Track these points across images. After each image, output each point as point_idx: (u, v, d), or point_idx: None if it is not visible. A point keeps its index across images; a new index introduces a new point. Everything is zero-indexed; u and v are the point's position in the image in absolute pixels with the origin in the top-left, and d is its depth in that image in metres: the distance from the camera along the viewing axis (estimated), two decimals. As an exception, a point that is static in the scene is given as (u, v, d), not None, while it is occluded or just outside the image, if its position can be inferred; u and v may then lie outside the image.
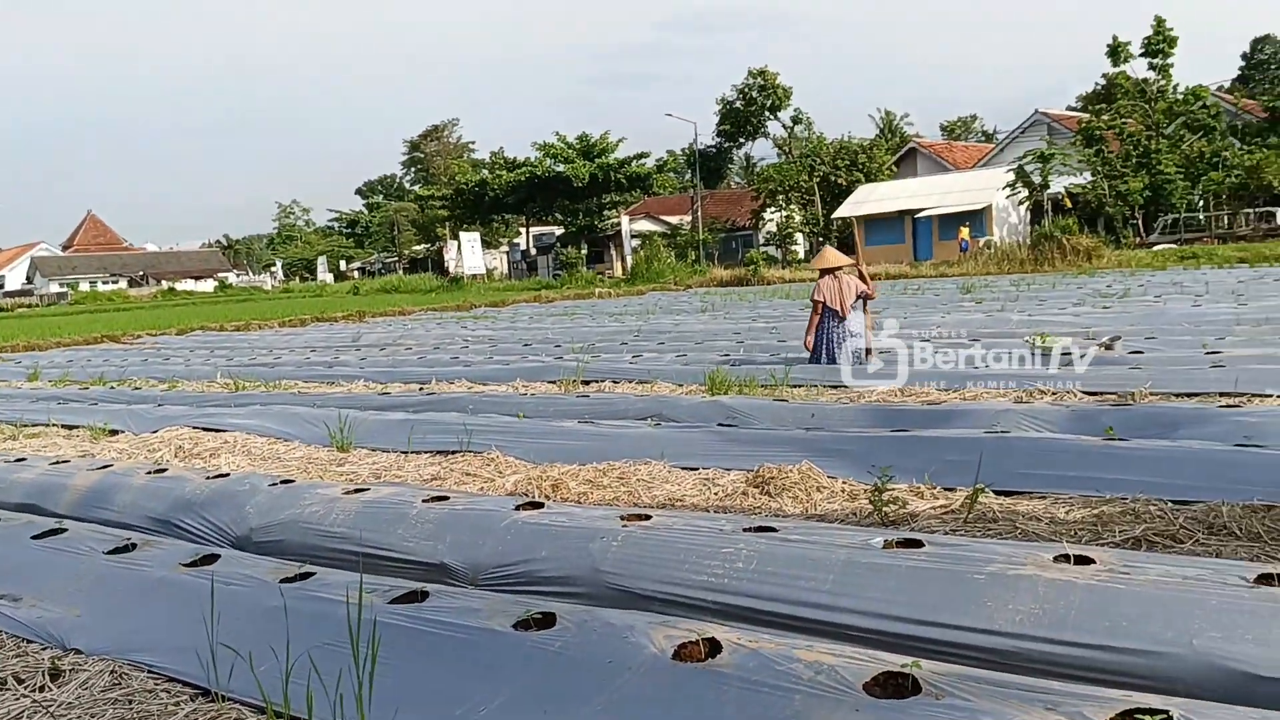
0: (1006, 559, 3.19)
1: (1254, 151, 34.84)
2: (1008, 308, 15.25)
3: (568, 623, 2.97)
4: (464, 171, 61.07)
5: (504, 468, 5.82)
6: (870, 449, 5.29)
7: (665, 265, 40.66)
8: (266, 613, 3.30)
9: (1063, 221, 31.95)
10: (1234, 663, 2.63)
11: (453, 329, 19.60)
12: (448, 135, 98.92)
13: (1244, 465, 4.38)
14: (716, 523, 3.86)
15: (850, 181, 47.67)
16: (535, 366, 10.66)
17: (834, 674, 2.49)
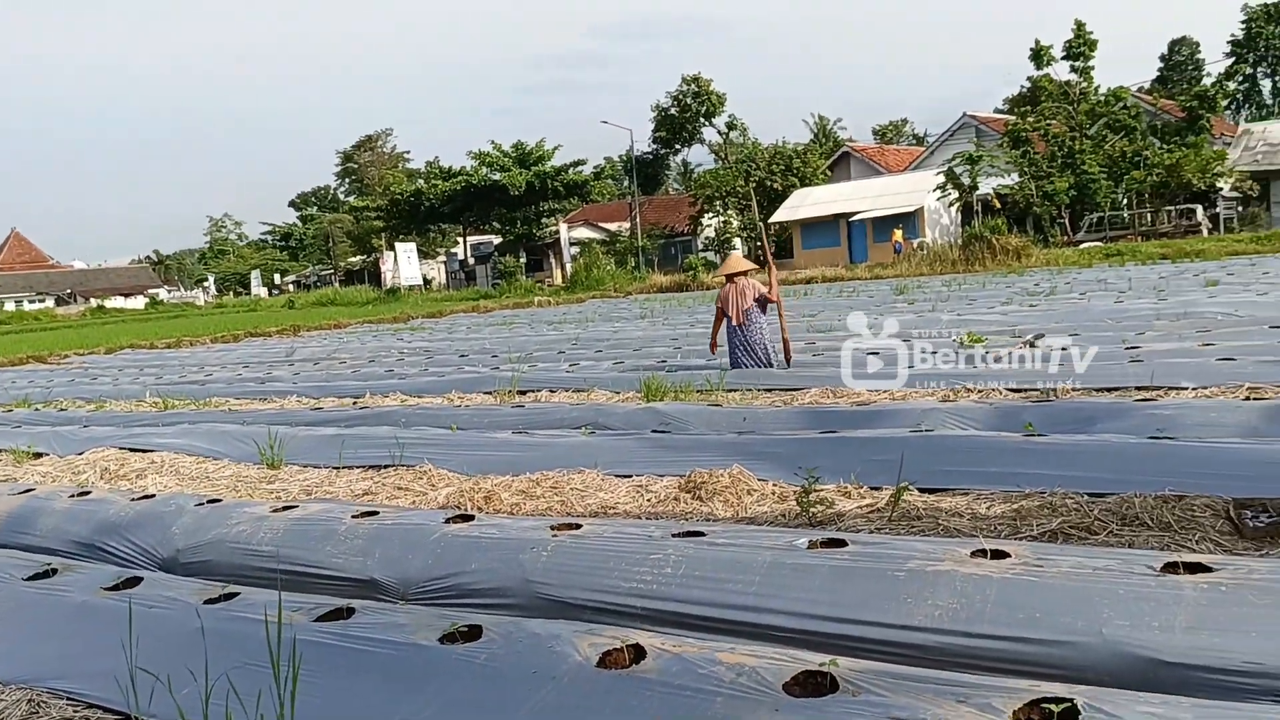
0: (925, 555, 3.26)
1: (1173, 150, 35.85)
2: (939, 308, 15.53)
3: (494, 634, 2.97)
4: (399, 182, 60.58)
5: (436, 481, 5.79)
6: (800, 451, 5.36)
7: (604, 272, 40.70)
8: (189, 635, 3.25)
9: (992, 222, 32.60)
10: (1141, 649, 2.72)
11: (389, 341, 19.42)
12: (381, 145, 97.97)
13: (1157, 457, 4.52)
14: (646, 529, 3.89)
15: (786, 186, 48.18)
16: (471, 378, 10.61)
17: (755, 675, 2.53)
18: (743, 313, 9.26)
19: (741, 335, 9.29)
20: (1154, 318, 10.98)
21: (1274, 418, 5.17)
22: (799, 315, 16.76)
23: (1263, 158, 38.97)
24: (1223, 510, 3.91)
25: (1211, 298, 12.62)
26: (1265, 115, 56.99)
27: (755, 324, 9.24)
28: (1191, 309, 11.39)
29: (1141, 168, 35.87)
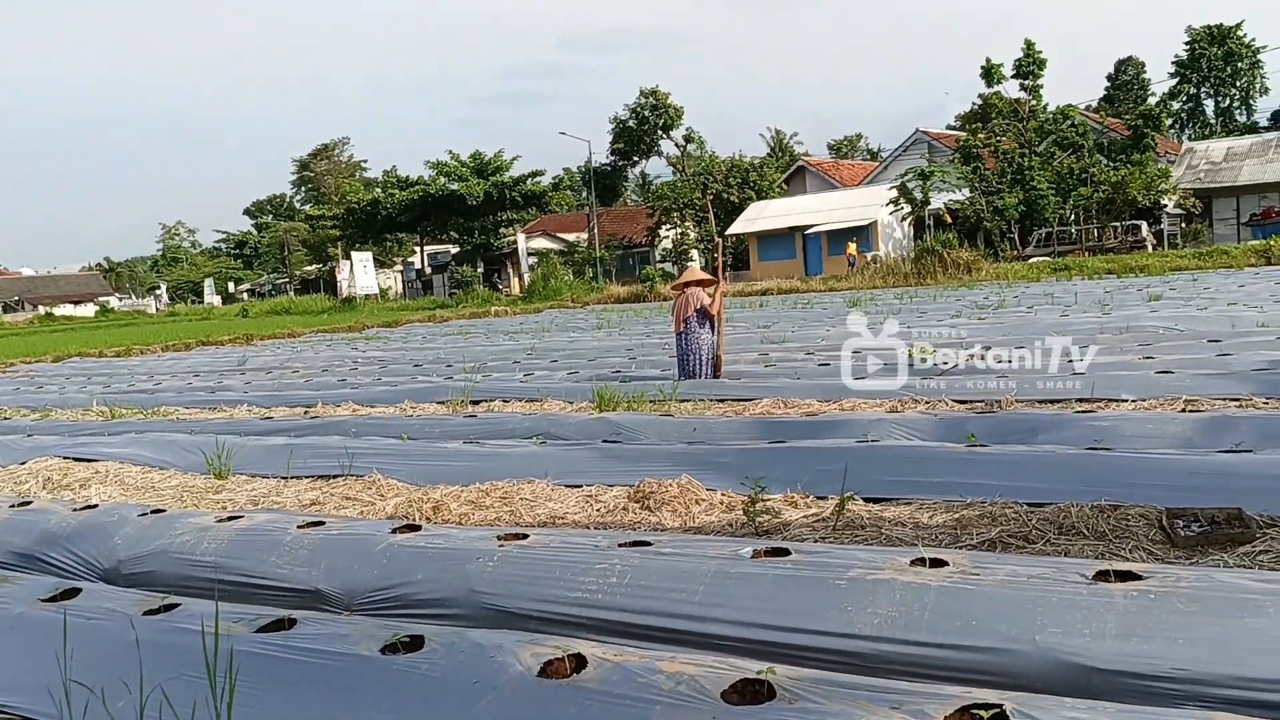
0: (866, 564, 3.31)
1: (1119, 167, 36.64)
2: (890, 320, 15.71)
3: (436, 644, 2.97)
4: (355, 190, 60.10)
5: (385, 491, 5.76)
6: (749, 461, 5.41)
7: (562, 283, 40.70)
8: (127, 646, 3.21)
9: (943, 236, 33.06)
10: (1073, 656, 2.78)
11: (343, 351, 19.25)
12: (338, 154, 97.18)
13: (1093, 468, 4.62)
14: (593, 539, 3.91)
15: (743, 199, 48.54)
16: (424, 387, 10.56)
17: (694, 684, 2.55)
18: (682, 322, 9.47)
19: (681, 344, 9.48)
20: (1097, 331, 11.20)
21: (1208, 429, 5.30)
22: (753, 326, 16.89)
23: (1205, 175, 39.96)
24: (1156, 520, 4.00)
25: (1154, 312, 12.91)
26: (1208, 134, 58.46)
27: (693, 333, 9.39)
28: (1134, 323, 11.64)
29: (1089, 184, 36.61)
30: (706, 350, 9.47)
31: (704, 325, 9.51)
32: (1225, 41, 60.69)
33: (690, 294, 9.53)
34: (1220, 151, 41.86)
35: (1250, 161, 39.75)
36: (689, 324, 9.38)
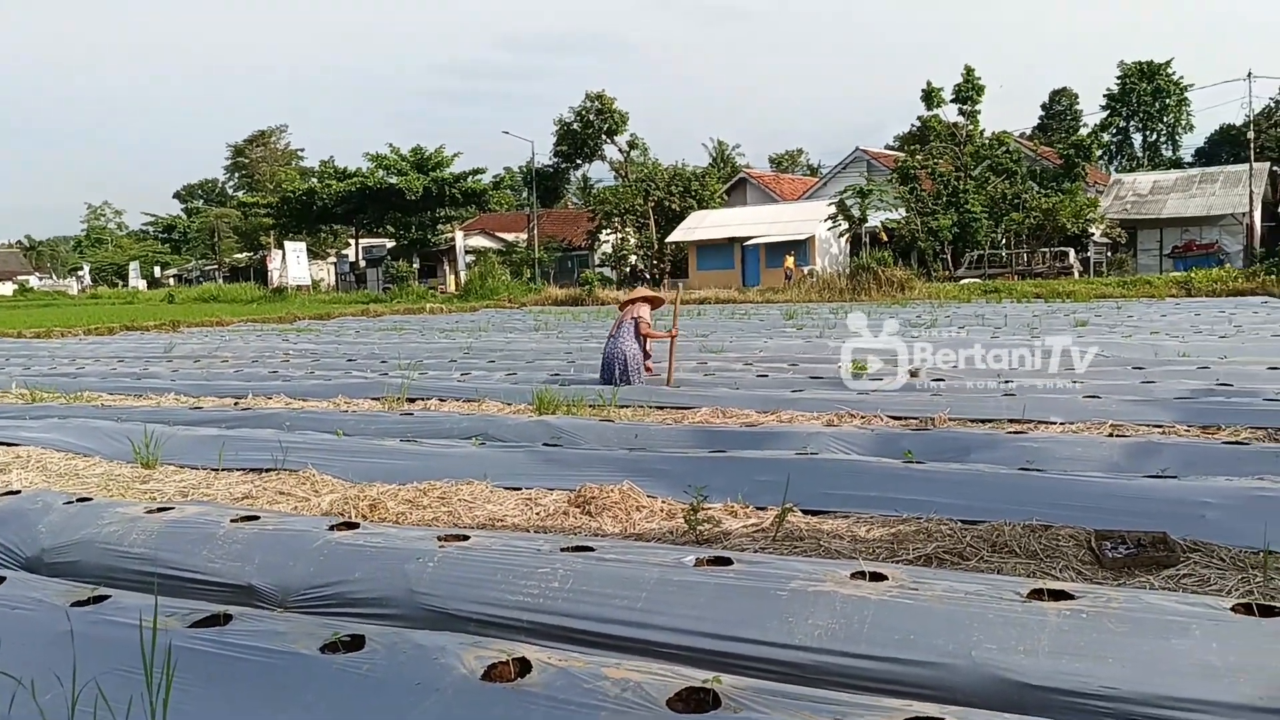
0: (808, 575, 3.35)
1: (1050, 195, 37.66)
2: (826, 334, 15.92)
3: (377, 644, 2.93)
4: (291, 179, 59.08)
5: (320, 487, 5.67)
6: (690, 469, 5.43)
7: (500, 282, 40.46)
8: (56, 638, 3.11)
9: (879, 254, 33.64)
10: (1007, 672, 2.84)
11: (274, 342, 18.89)
12: (275, 141, 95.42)
13: (1025, 488, 4.74)
14: (535, 543, 3.89)
15: (684, 207, 48.80)
16: (359, 383, 10.41)
17: (640, 690, 2.56)
18: (617, 326, 9.76)
19: (611, 350, 9.70)
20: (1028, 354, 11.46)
21: (1134, 454, 5.47)
22: (692, 335, 16.97)
23: (1131, 207, 41.26)
24: (1085, 541, 4.12)
25: (1080, 337, 13.26)
26: (1135, 167, 60.37)
27: (624, 339, 9.62)
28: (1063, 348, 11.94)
29: (1020, 210, 37.54)
30: (631, 360, 9.62)
31: (636, 337, 9.74)
32: (1155, 78, 62.74)
33: (636, 308, 9.85)
34: (1146, 184, 43.26)
35: (1174, 195, 41.15)
36: (621, 329, 9.57)
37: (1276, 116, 66.62)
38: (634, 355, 9.65)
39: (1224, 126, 65.04)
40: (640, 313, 9.85)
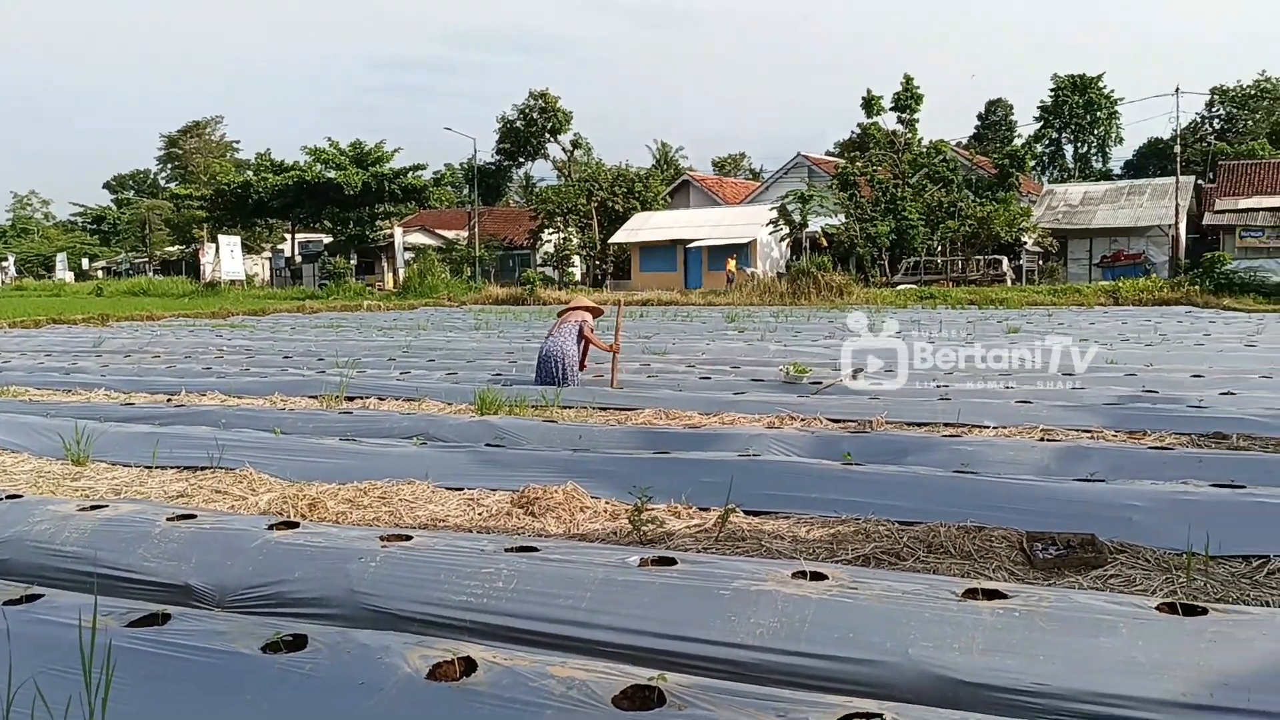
0: (750, 575, 3.40)
1: (985, 204, 38.42)
2: (767, 338, 16.08)
3: (320, 644, 2.91)
4: (226, 171, 57.92)
5: (258, 485, 5.59)
6: (633, 470, 5.46)
7: (439, 280, 40.12)
8: (-16, 639, 3.04)
9: (818, 259, 34.03)
10: (942, 670, 2.92)
11: (207, 337, 18.53)
12: (210, 133, 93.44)
13: (960, 490, 4.85)
14: (478, 543, 3.89)
15: (627, 208, 48.86)
16: (296, 380, 10.27)
17: (585, 689, 2.58)
18: (557, 328, 9.86)
19: (546, 350, 9.79)
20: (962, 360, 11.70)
21: (1064, 458, 5.62)
22: (635, 336, 17.00)
23: (1063, 217, 42.29)
24: (1017, 542, 4.23)
25: (1013, 343, 13.56)
26: (1067, 178, 61.86)
27: (563, 339, 9.70)
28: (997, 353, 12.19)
29: (956, 218, 38.24)
30: (570, 359, 9.68)
31: (576, 341, 9.84)
32: (1087, 91, 64.33)
33: (573, 313, 10.00)
34: (1077, 195, 44.38)
35: (1104, 206, 42.28)
36: (561, 330, 9.61)
37: (1202, 131, 68.84)
38: (572, 355, 9.69)
39: (1152, 140, 66.97)
40: (586, 318, 9.91)
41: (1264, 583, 3.75)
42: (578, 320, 9.83)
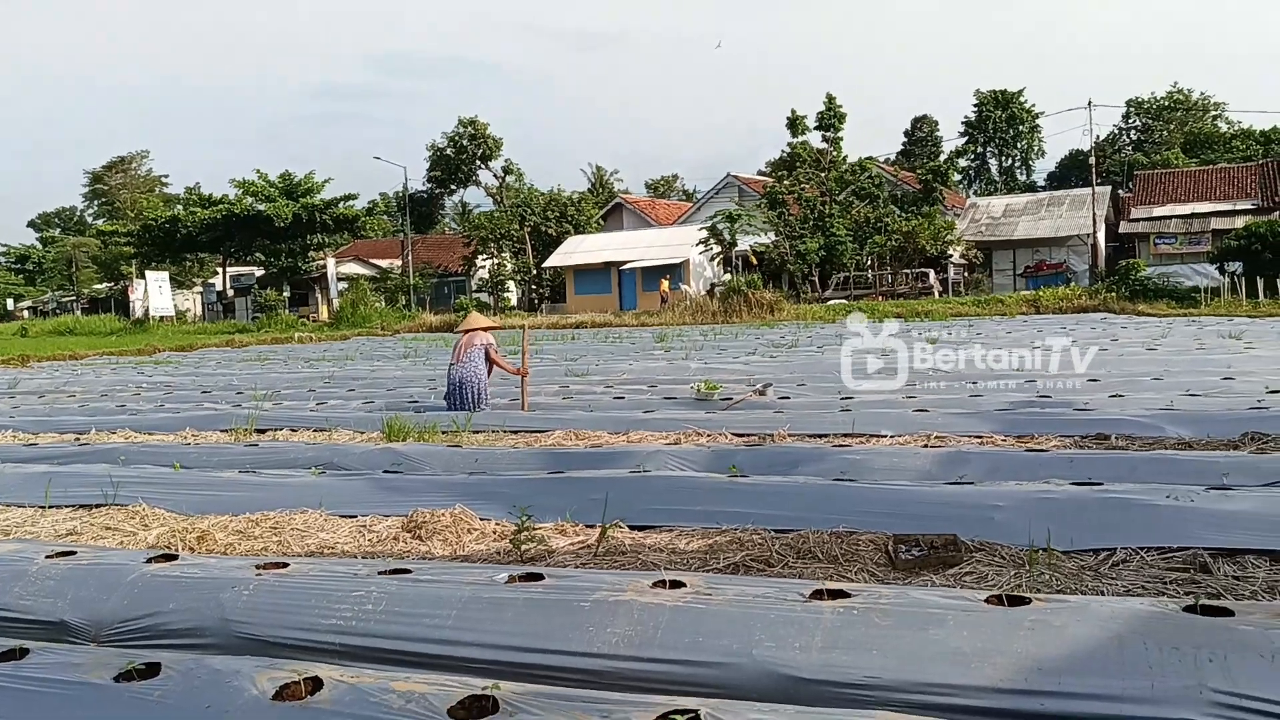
0: (611, 586, 3.50)
1: (910, 218, 39.21)
2: (691, 356, 16.27)
3: (172, 671, 2.96)
4: (154, 207, 56.94)
5: (150, 520, 5.58)
6: (526, 491, 5.55)
7: (372, 310, 39.85)
8: None
9: (749, 277, 34.44)
10: (784, 668, 3.05)
11: (128, 375, 18.22)
12: (136, 168, 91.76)
13: (838, 497, 5.01)
14: (354, 567, 3.95)
15: (560, 232, 48.99)
16: (209, 415, 10.19)
17: (424, 701, 2.66)
18: (461, 356, 9.88)
19: (456, 376, 9.84)
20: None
21: (945, 463, 5.83)
22: (561, 359, 17.11)
23: (986, 229, 43.30)
24: (883, 545, 4.40)
25: (928, 355, 13.90)
26: (993, 191, 63.31)
27: (469, 368, 9.77)
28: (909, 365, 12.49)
29: (883, 233, 38.94)
30: (483, 385, 9.77)
31: (483, 363, 9.91)
32: (1009, 105, 65.98)
33: (475, 337, 10.04)
34: (1000, 208, 45.49)
35: (1025, 218, 43.39)
36: (470, 355, 9.67)
37: (1120, 142, 71.02)
38: (483, 380, 9.77)
39: (1073, 151, 68.81)
40: (489, 339, 10.00)
41: (1106, 573, 3.94)
42: (482, 343, 9.90)
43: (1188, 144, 61.06)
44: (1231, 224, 35.77)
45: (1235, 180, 42.28)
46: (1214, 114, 67.45)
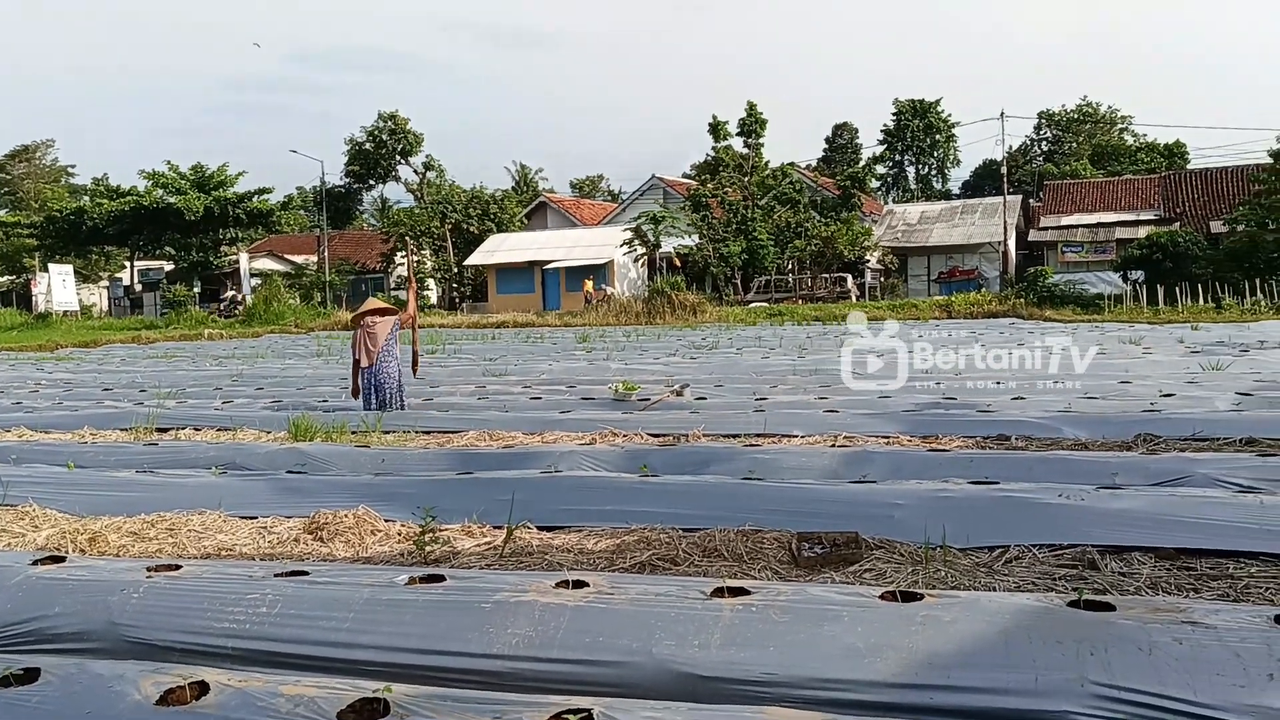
0: (514, 587, 3.48)
1: (829, 224, 39.81)
2: (612, 357, 16.28)
3: (52, 676, 2.86)
4: (58, 198, 54.96)
5: (41, 521, 5.37)
6: (433, 492, 5.48)
7: (286, 306, 39.01)
8: None
9: (673, 279, 34.61)
10: (682, 666, 3.06)
11: (26, 371, 17.56)
12: (40, 157, 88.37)
13: (745, 496, 5.06)
14: (249, 569, 3.86)
15: (483, 230, 48.58)
16: (109, 413, 9.86)
17: (313, 705, 2.61)
18: (374, 354, 9.49)
19: (371, 376, 9.46)
20: (790, 372, 12.14)
21: (850, 463, 5.93)
22: (480, 359, 16.98)
23: (902, 235, 44.20)
24: (787, 543, 4.45)
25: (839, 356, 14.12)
26: (911, 198, 64.58)
27: (385, 365, 9.43)
28: (822, 366, 12.70)
29: (803, 237, 39.48)
30: (402, 379, 9.57)
31: (395, 359, 9.65)
32: (926, 115, 67.34)
33: (377, 325, 9.58)
34: (915, 215, 46.47)
35: (939, 225, 44.39)
36: (386, 352, 9.41)
37: (1032, 153, 73.09)
38: (398, 379, 9.58)
39: (987, 161, 70.60)
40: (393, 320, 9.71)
41: (999, 570, 4.05)
42: (392, 328, 9.60)
43: (1095, 155, 63.09)
44: (1135, 234, 37.08)
45: (1139, 191, 43.83)
46: (1121, 127, 69.83)
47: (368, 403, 9.55)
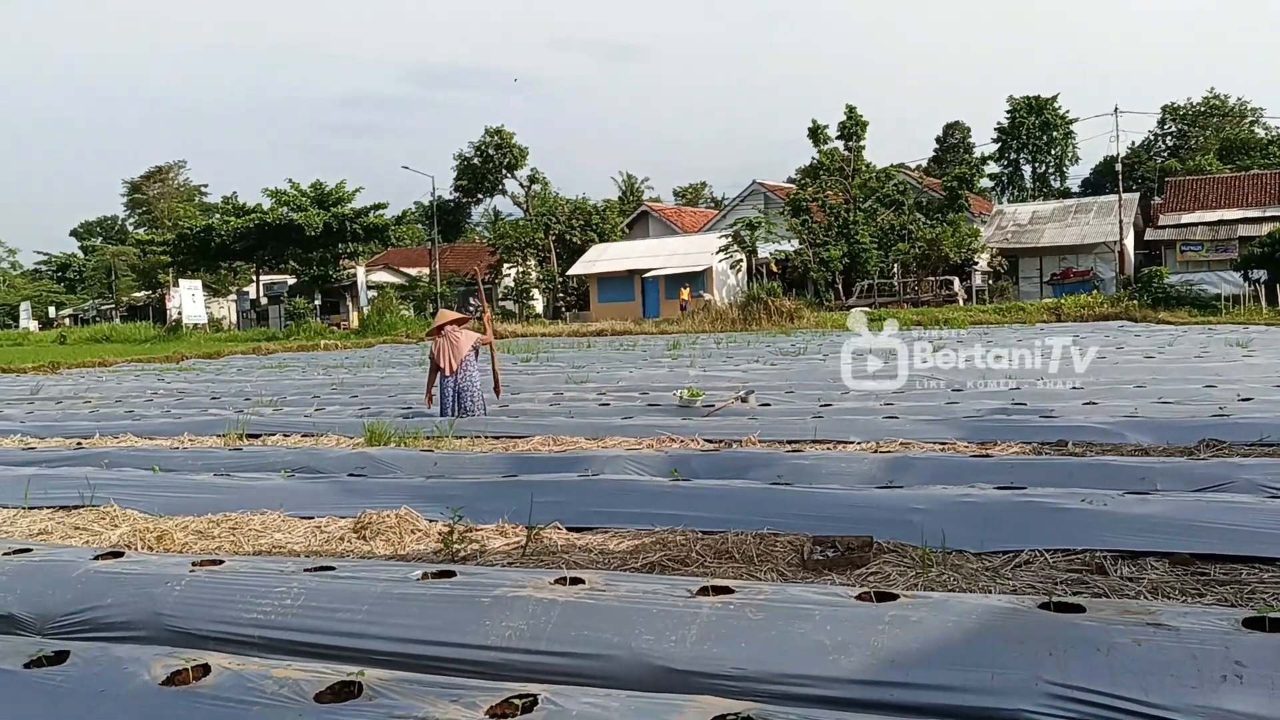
0: (514, 583, 3.67)
1: (935, 226, 39.05)
2: (696, 364, 16.41)
3: (78, 659, 3.17)
4: (190, 216, 58.06)
5: (119, 521, 5.82)
6: (478, 494, 5.74)
7: (398, 318, 40.36)
8: None
9: (770, 285, 34.50)
10: (658, 660, 3.20)
11: (148, 382, 18.68)
12: (173, 177, 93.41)
13: (770, 500, 5.14)
14: (282, 565, 4.15)
15: (585, 240, 49.30)
16: (209, 420, 10.49)
17: (295, 686, 2.85)
18: (457, 363, 9.79)
19: (454, 383, 9.76)
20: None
21: (889, 468, 5.94)
22: (567, 366, 17.32)
23: (1012, 236, 43.00)
24: (800, 547, 4.53)
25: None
26: (1027, 197, 62.72)
27: (468, 373, 9.77)
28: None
29: (907, 240, 38.84)
30: (479, 392, 9.89)
31: (474, 364, 9.99)
32: (1042, 112, 65.35)
33: (457, 336, 9.93)
34: (1026, 215, 45.15)
35: (1051, 225, 43.03)
36: (464, 364, 9.74)
37: (1155, 149, 70.16)
38: (479, 387, 9.92)
39: (1108, 158, 68.03)
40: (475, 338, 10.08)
41: (1005, 574, 4.05)
42: (474, 342, 9.97)
43: (1223, 150, 60.20)
44: (1259, 231, 35.26)
45: (1266, 186, 41.65)
46: (1250, 120, 66.46)
47: (449, 410, 9.88)
